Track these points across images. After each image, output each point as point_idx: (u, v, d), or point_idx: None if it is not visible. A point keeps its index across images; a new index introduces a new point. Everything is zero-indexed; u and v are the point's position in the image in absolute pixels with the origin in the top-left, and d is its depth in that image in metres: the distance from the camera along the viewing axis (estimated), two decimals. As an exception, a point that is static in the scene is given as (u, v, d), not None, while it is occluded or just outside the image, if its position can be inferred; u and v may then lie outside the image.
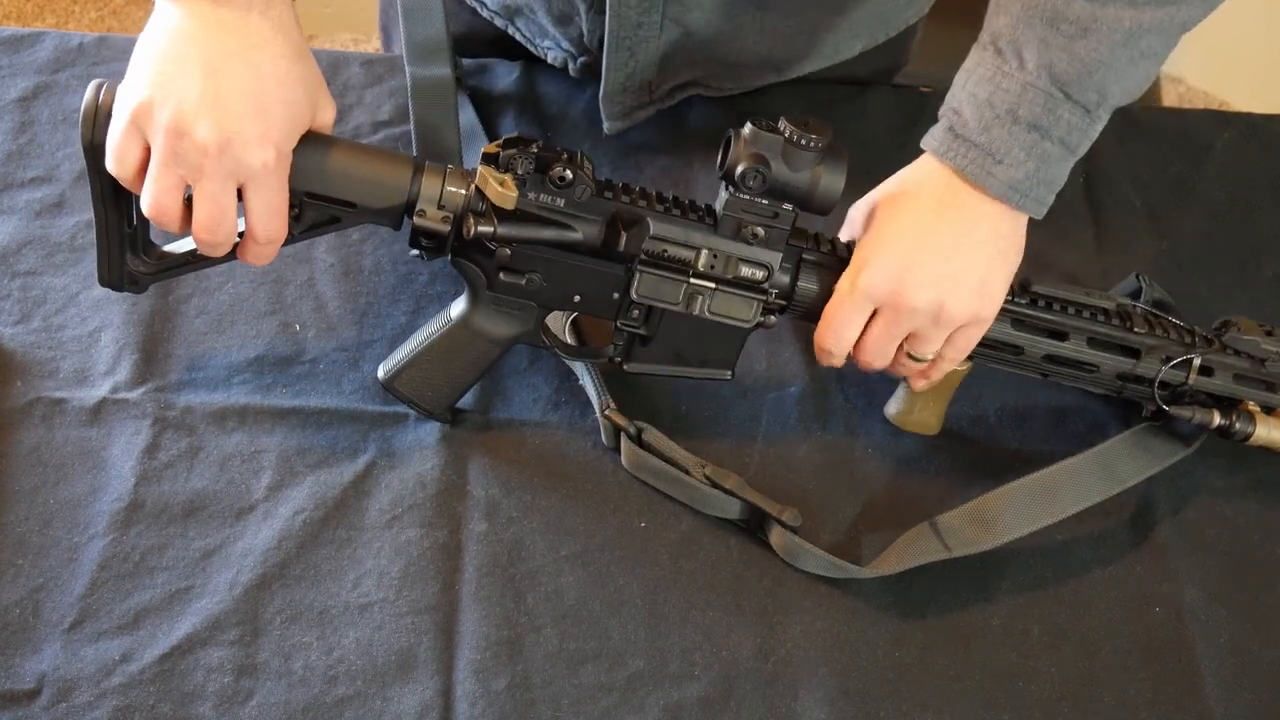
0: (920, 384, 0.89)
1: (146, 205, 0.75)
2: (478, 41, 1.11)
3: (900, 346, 0.86)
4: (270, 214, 0.77)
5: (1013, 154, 0.80)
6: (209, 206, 0.75)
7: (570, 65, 1.06)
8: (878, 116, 1.12)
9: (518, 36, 1.08)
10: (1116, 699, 0.85)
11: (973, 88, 0.81)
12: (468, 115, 1.05)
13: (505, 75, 1.10)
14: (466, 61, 1.10)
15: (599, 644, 0.83)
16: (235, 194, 0.76)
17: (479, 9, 1.08)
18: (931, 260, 0.81)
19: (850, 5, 1.02)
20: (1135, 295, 0.96)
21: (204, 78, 0.73)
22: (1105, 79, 0.79)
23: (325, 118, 0.80)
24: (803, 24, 1.02)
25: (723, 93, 1.08)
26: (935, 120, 0.83)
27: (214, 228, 0.76)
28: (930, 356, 0.86)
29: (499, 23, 1.07)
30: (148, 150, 0.75)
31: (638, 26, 0.96)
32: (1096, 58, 0.78)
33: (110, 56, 1.07)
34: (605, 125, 1.05)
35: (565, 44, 1.05)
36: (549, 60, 1.07)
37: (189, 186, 0.75)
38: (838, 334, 0.85)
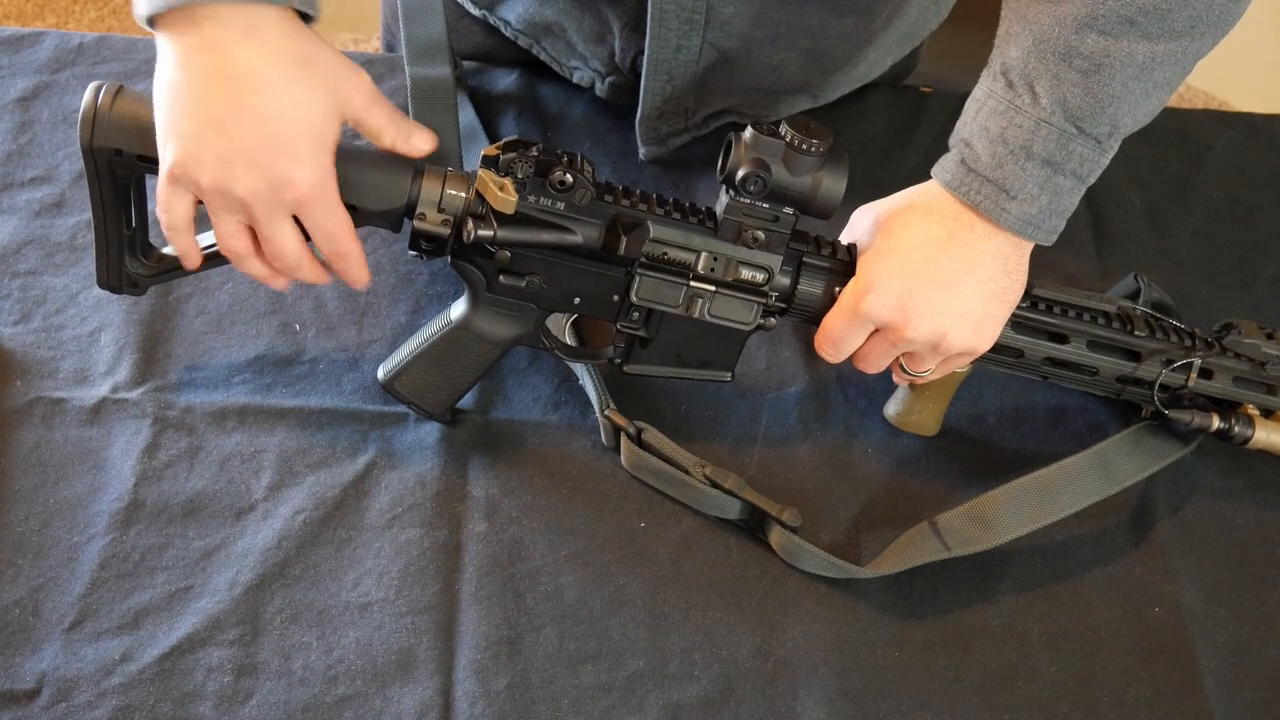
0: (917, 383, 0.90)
1: (222, 249, 0.79)
2: (493, 62, 1.10)
3: (896, 359, 0.87)
4: (329, 235, 0.78)
5: (1026, 190, 0.79)
6: (269, 245, 0.78)
7: (598, 85, 1.05)
8: (878, 116, 1.12)
9: (543, 56, 1.06)
10: (1116, 699, 0.85)
11: (984, 120, 0.80)
12: (468, 115, 1.05)
13: (505, 76, 1.10)
14: (466, 62, 1.10)
15: (599, 644, 0.83)
16: (292, 224, 0.77)
17: (502, 28, 1.06)
18: (935, 294, 0.81)
19: (885, 29, 1.01)
20: (1134, 295, 0.95)
21: (215, 137, 0.73)
22: (1118, 111, 0.78)
23: (357, 101, 0.77)
24: (840, 52, 1.01)
25: (758, 119, 1.08)
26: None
27: (282, 258, 0.79)
28: (923, 375, 0.87)
29: (523, 42, 1.06)
30: (194, 199, 0.77)
31: (677, 50, 0.95)
32: (1110, 92, 0.77)
33: (110, 56, 1.07)
34: (641, 151, 1.05)
35: (595, 63, 1.04)
36: (575, 80, 1.07)
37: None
38: (836, 346, 0.85)
